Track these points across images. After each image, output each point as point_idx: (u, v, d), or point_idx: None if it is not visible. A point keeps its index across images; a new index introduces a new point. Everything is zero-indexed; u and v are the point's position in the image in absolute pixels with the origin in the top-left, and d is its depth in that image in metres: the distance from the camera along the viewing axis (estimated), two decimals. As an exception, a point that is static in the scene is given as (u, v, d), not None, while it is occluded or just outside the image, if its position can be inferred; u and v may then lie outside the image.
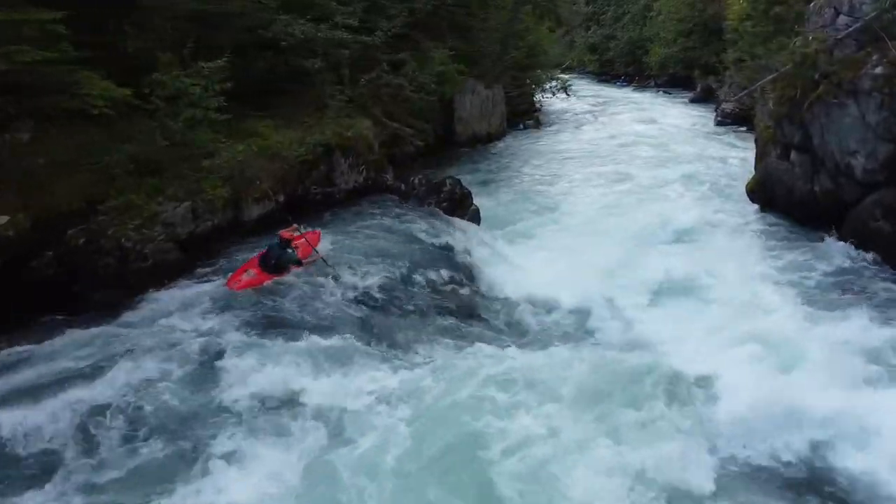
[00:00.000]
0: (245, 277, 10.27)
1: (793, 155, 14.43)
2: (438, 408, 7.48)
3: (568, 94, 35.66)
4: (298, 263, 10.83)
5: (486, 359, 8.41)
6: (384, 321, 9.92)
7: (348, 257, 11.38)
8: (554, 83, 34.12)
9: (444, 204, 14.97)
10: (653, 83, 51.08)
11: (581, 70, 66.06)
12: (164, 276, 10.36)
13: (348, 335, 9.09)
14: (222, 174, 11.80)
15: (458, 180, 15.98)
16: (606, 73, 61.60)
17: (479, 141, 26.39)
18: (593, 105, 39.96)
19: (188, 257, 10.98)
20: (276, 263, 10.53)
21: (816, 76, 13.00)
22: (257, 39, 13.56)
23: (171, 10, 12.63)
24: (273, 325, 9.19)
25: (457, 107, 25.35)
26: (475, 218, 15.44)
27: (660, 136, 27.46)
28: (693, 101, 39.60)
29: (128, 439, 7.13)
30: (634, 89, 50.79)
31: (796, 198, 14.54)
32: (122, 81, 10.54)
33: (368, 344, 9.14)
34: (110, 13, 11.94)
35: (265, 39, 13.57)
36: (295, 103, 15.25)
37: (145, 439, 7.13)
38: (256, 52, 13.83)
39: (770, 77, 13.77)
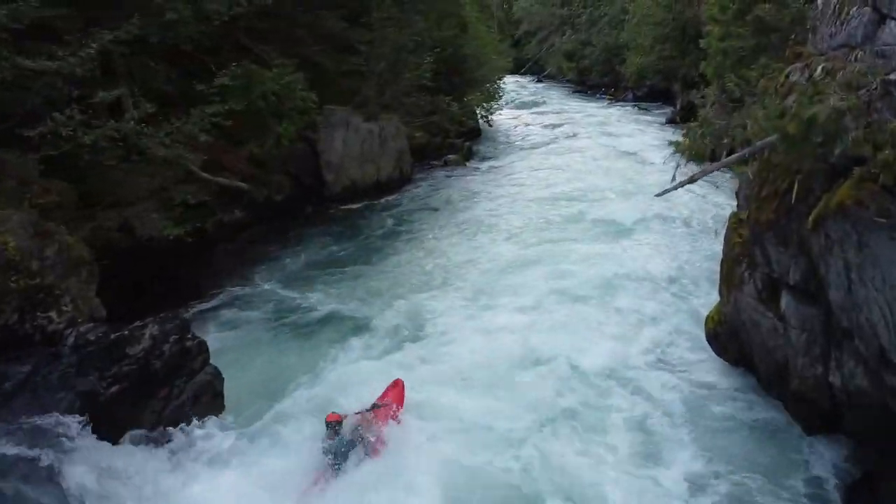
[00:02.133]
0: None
1: (785, 301, 7.20)
2: None
3: (490, 125, 28.34)
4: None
5: None
6: None
7: None
8: (480, 109, 26.78)
9: (114, 388, 7.72)
10: (630, 96, 43.88)
11: (562, 79, 58.99)
12: None
13: None
14: None
15: (184, 325, 8.71)
16: (584, 83, 54.25)
17: (362, 194, 19.18)
18: (550, 126, 32.68)
19: None
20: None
21: (834, 158, 5.78)
22: None
23: None
24: None
25: (322, 149, 18.23)
26: (211, 405, 8.25)
27: (609, 186, 19.98)
28: (670, 121, 32.11)
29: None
30: (609, 103, 43.52)
31: (793, 383, 7.35)
32: None
33: None
34: None
35: None
36: None
37: None
38: None
39: (733, 158, 6.50)
